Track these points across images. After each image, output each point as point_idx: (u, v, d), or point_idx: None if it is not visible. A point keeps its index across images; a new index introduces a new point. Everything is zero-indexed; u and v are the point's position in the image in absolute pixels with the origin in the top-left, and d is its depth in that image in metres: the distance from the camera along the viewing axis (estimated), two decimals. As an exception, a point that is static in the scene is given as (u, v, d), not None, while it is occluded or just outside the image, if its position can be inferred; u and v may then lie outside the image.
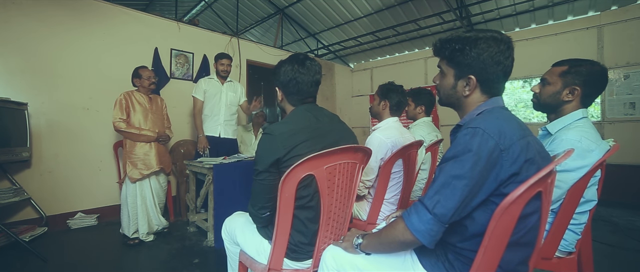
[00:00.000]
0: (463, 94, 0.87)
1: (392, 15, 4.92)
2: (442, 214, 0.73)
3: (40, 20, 2.77)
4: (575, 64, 1.20)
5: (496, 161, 0.71)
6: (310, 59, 1.19)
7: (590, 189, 1.15)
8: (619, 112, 3.65)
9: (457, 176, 0.72)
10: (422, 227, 0.74)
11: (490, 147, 0.71)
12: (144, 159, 2.41)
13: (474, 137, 0.73)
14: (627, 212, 3.16)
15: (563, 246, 1.18)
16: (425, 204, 0.75)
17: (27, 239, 2.36)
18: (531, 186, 0.66)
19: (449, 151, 0.78)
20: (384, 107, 1.79)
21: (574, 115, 1.19)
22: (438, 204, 0.73)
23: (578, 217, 1.17)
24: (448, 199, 0.72)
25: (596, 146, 1.08)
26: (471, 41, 0.81)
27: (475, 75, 0.83)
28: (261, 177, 1.09)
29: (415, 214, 0.77)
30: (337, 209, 1.15)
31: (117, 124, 2.34)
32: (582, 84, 1.18)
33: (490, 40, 0.80)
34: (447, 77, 0.89)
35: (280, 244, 1.09)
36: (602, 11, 3.83)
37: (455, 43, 0.84)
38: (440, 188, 0.74)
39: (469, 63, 0.82)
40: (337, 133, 1.19)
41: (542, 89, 1.27)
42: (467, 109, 0.88)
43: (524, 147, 0.72)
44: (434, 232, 0.74)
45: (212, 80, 3.00)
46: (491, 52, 0.80)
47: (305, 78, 1.15)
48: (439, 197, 0.73)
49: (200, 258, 2.16)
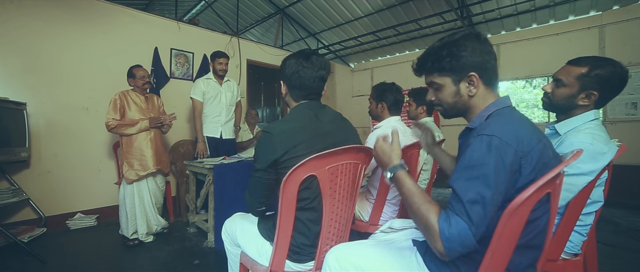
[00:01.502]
0: (469, 94, 0.84)
1: (392, 15, 4.90)
2: (479, 234, 0.67)
3: (39, 20, 2.76)
4: (596, 66, 1.09)
5: (517, 170, 0.69)
6: (316, 54, 1.17)
7: (596, 190, 1.13)
8: (620, 112, 3.64)
9: (484, 194, 0.67)
10: (459, 246, 0.67)
11: (510, 157, 0.68)
12: (141, 159, 2.38)
13: (491, 148, 0.69)
14: (629, 213, 3.14)
15: (569, 247, 1.16)
16: (462, 217, 0.67)
17: (26, 240, 2.34)
18: (540, 187, 0.64)
19: (465, 158, 0.72)
20: (382, 109, 1.76)
21: (585, 117, 1.14)
22: (475, 224, 0.66)
23: (584, 219, 1.15)
24: (482, 218, 0.67)
25: (608, 148, 1.05)
26: (455, 43, 0.81)
27: (475, 71, 0.81)
28: (258, 175, 1.09)
29: (456, 226, 0.67)
30: (339, 210, 1.14)
31: (108, 123, 2.31)
32: (600, 88, 1.10)
33: (467, 38, 0.81)
34: (445, 87, 0.86)
35: (282, 245, 1.07)
36: (604, 11, 3.83)
37: (440, 51, 0.83)
38: (472, 206, 0.67)
39: (464, 62, 0.81)
40: (338, 133, 1.17)
41: (556, 90, 1.18)
42: (475, 111, 0.85)
43: (541, 152, 0.70)
44: (466, 251, 0.68)
45: (210, 81, 2.95)
46: (475, 45, 0.80)
47: (308, 72, 1.13)
48: (474, 217, 0.67)
49: (200, 259, 2.14)
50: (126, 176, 2.35)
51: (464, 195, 0.68)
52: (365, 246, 1.02)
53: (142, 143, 2.41)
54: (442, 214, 0.71)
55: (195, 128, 2.93)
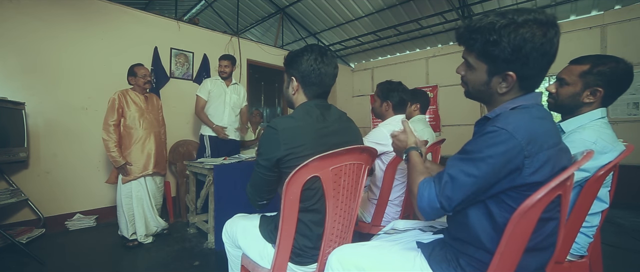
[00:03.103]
0: (498, 91, 0.76)
1: (393, 15, 4.89)
2: (447, 204, 0.73)
3: (38, 19, 2.74)
4: (597, 63, 1.09)
5: (516, 168, 0.67)
6: (330, 50, 1.16)
7: (602, 191, 1.12)
8: (622, 112, 3.63)
9: (469, 174, 0.70)
10: (427, 206, 0.76)
11: (513, 153, 0.66)
12: (137, 160, 2.35)
13: (496, 142, 0.68)
14: (631, 214, 3.13)
15: (575, 249, 1.14)
16: (436, 186, 0.76)
17: (24, 241, 2.31)
18: (551, 189, 0.63)
19: (470, 143, 0.75)
20: (387, 107, 1.75)
21: (591, 115, 1.13)
22: (444, 194, 0.73)
23: (590, 220, 1.13)
24: (455, 192, 0.72)
25: (612, 147, 1.04)
26: (510, 30, 0.67)
27: (515, 72, 0.70)
28: (261, 171, 1.08)
29: (428, 189, 0.77)
30: (342, 212, 1.12)
31: (105, 130, 2.26)
32: (605, 85, 1.08)
33: (534, 26, 0.66)
34: (477, 72, 0.77)
35: (284, 248, 1.05)
36: (606, 11, 3.81)
37: (489, 34, 0.69)
38: (449, 179, 0.73)
39: (507, 58, 0.69)
40: (342, 133, 1.15)
41: (560, 90, 1.17)
42: (500, 103, 0.79)
43: (553, 158, 0.68)
44: (434, 215, 0.77)
45: (217, 81, 3.00)
46: (535, 43, 0.66)
47: (328, 70, 1.12)
48: (446, 189, 0.73)
49: (200, 260, 2.12)
50: (121, 175, 2.31)
51: (448, 168, 0.75)
52: (368, 248, 1.01)
53: (141, 144, 2.38)
54: (426, 180, 0.79)
55: (202, 120, 2.99)
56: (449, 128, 5.09)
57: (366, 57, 6.40)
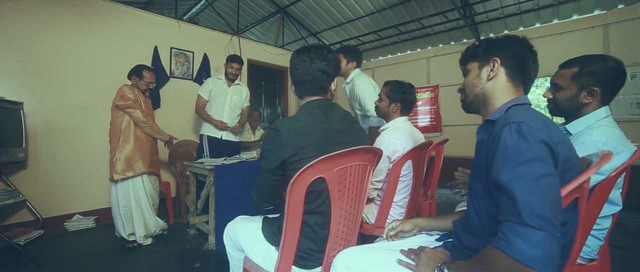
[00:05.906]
0: (487, 78, 0.86)
1: (394, 14, 4.86)
2: (550, 219, 0.55)
3: (36, 18, 2.71)
4: (585, 63, 1.11)
5: (553, 156, 0.63)
6: (317, 47, 1.12)
7: (613, 193, 1.09)
8: (625, 113, 3.60)
9: (542, 175, 0.58)
10: (538, 252, 0.54)
11: (544, 140, 0.62)
12: (131, 159, 2.31)
13: (522, 133, 0.63)
14: (636, 214, 3.10)
15: (585, 252, 1.12)
16: (525, 222, 0.56)
17: (23, 242, 2.28)
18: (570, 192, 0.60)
19: (500, 158, 0.64)
20: (395, 108, 1.70)
21: (597, 115, 1.12)
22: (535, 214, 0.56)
23: (601, 222, 1.11)
24: (542, 201, 0.56)
25: (623, 147, 1.02)
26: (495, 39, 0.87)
27: (499, 57, 0.83)
28: (266, 176, 1.06)
29: (519, 238, 0.56)
30: (347, 214, 1.09)
31: (141, 124, 2.34)
32: (600, 83, 1.09)
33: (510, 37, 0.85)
34: (471, 72, 0.91)
35: (288, 251, 1.03)
36: (608, 10, 3.78)
37: (479, 44, 0.88)
38: (523, 196, 0.58)
39: (492, 48, 0.85)
40: (347, 133, 1.12)
41: (557, 94, 1.19)
42: (494, 103, 0.85)
43: (566, 149, 0.66)
44: (555, 254, 0.55)
45: (219, 81, 2.99)
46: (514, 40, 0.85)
47: (305, 65, 1.09)
48: (533, 207, 0.56)
49: (201, 262, 2.10)
50: (116, 170, 2.26)
51: (521, 195, 0.57)
52: (374, 251, 0.98)
53: (141, 142, 2.37)
54: (502, 236, 0.58)
55: (203, 118, 2.98)
56: (450, 128, 5.07)
57: (367, 57, 6.36)
